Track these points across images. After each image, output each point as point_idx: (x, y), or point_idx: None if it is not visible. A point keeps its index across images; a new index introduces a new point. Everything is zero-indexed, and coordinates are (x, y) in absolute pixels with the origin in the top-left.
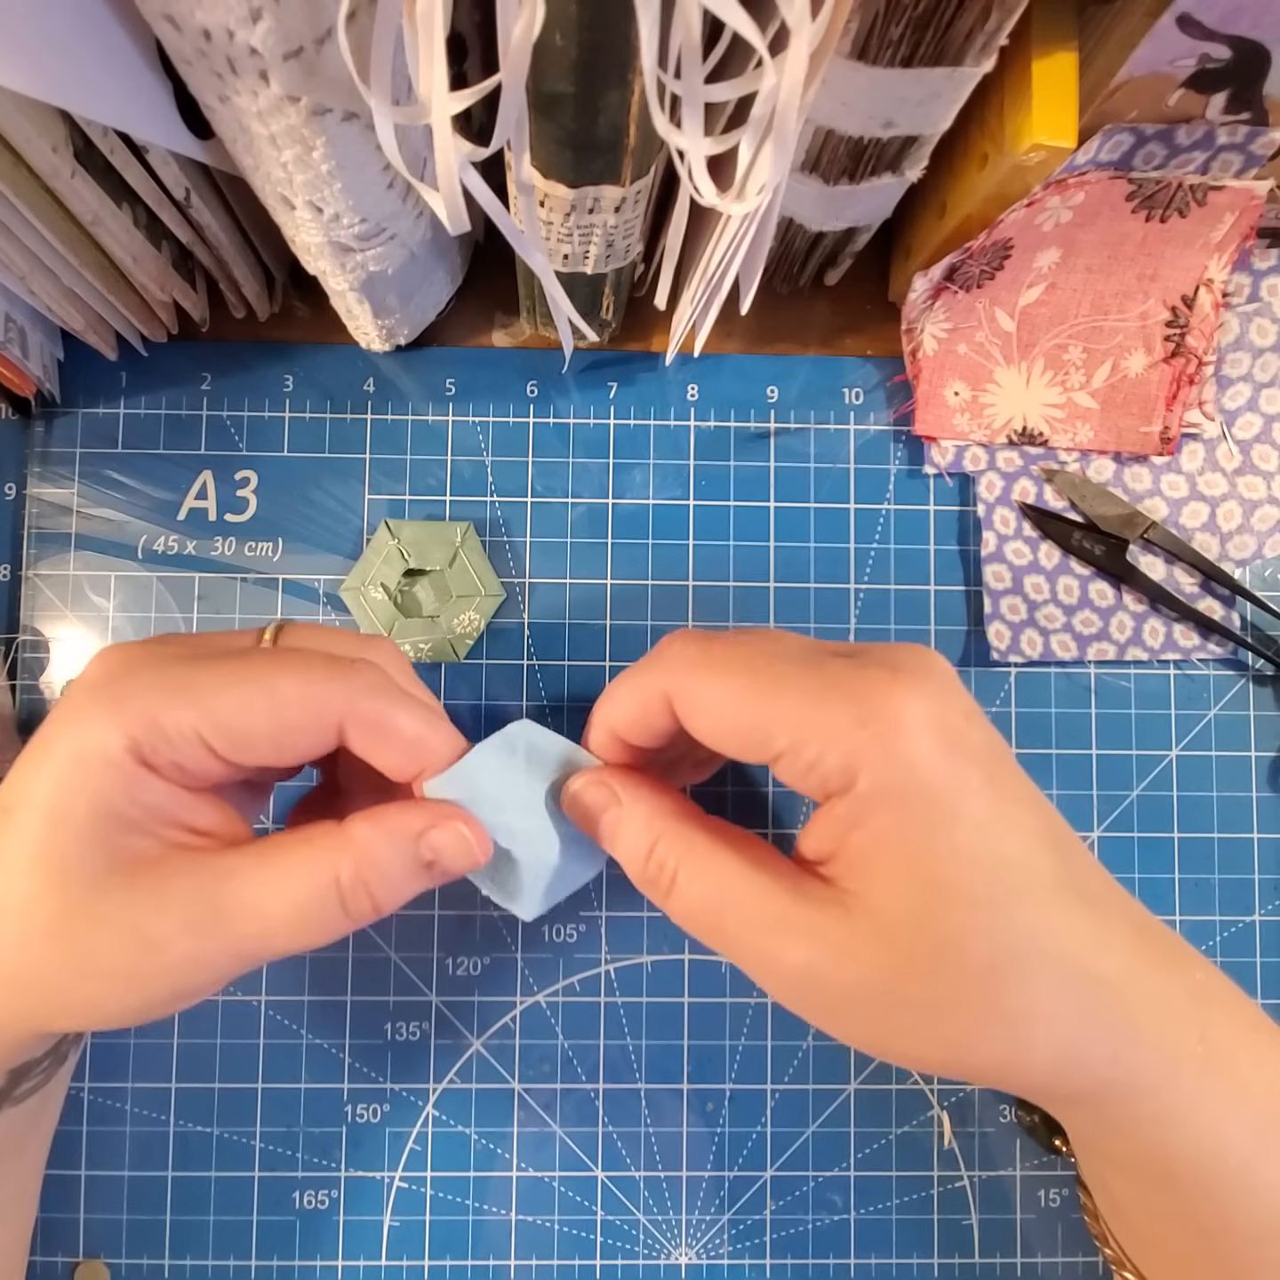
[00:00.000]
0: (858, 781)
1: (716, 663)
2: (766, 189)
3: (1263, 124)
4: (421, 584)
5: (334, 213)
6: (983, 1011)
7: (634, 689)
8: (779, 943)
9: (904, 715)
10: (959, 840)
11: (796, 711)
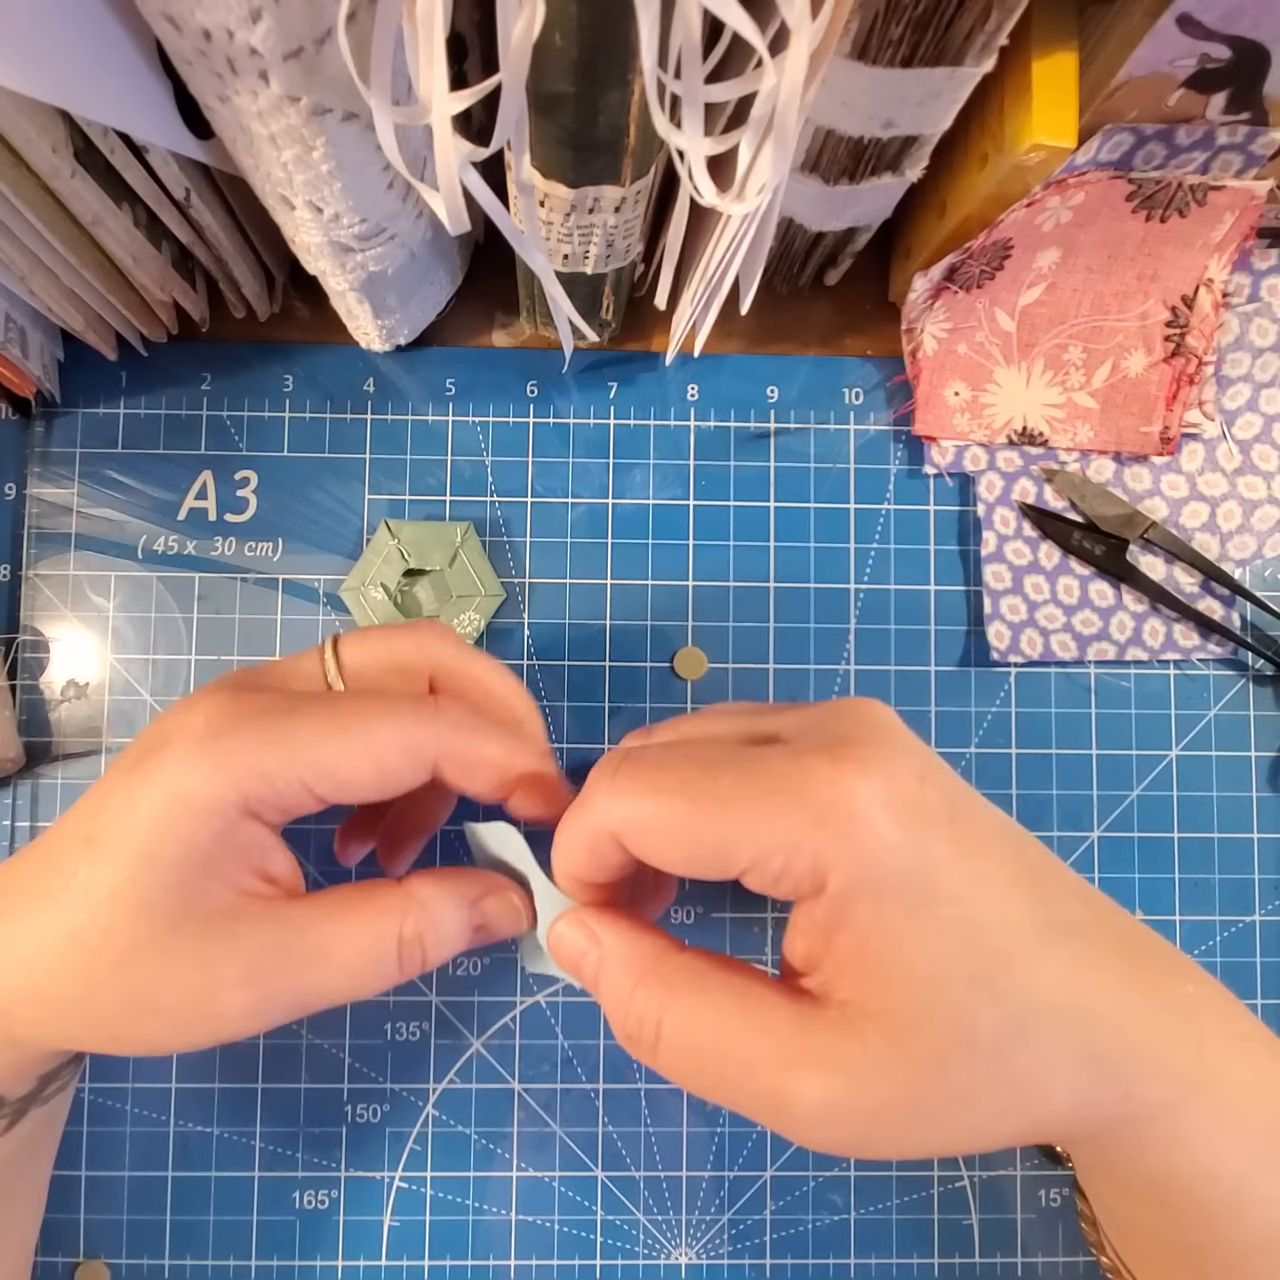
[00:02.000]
0: (828, 883)
1: (655, 789)
2: (766, 189)
3: (1263, 124)
4: (421, 584)
5: (334, 213)
6: (1001, 1090)
7: (579, 835)
8: (791, 1080)
9: (855, 804)
10: (941, 921)
11: (750, 827)
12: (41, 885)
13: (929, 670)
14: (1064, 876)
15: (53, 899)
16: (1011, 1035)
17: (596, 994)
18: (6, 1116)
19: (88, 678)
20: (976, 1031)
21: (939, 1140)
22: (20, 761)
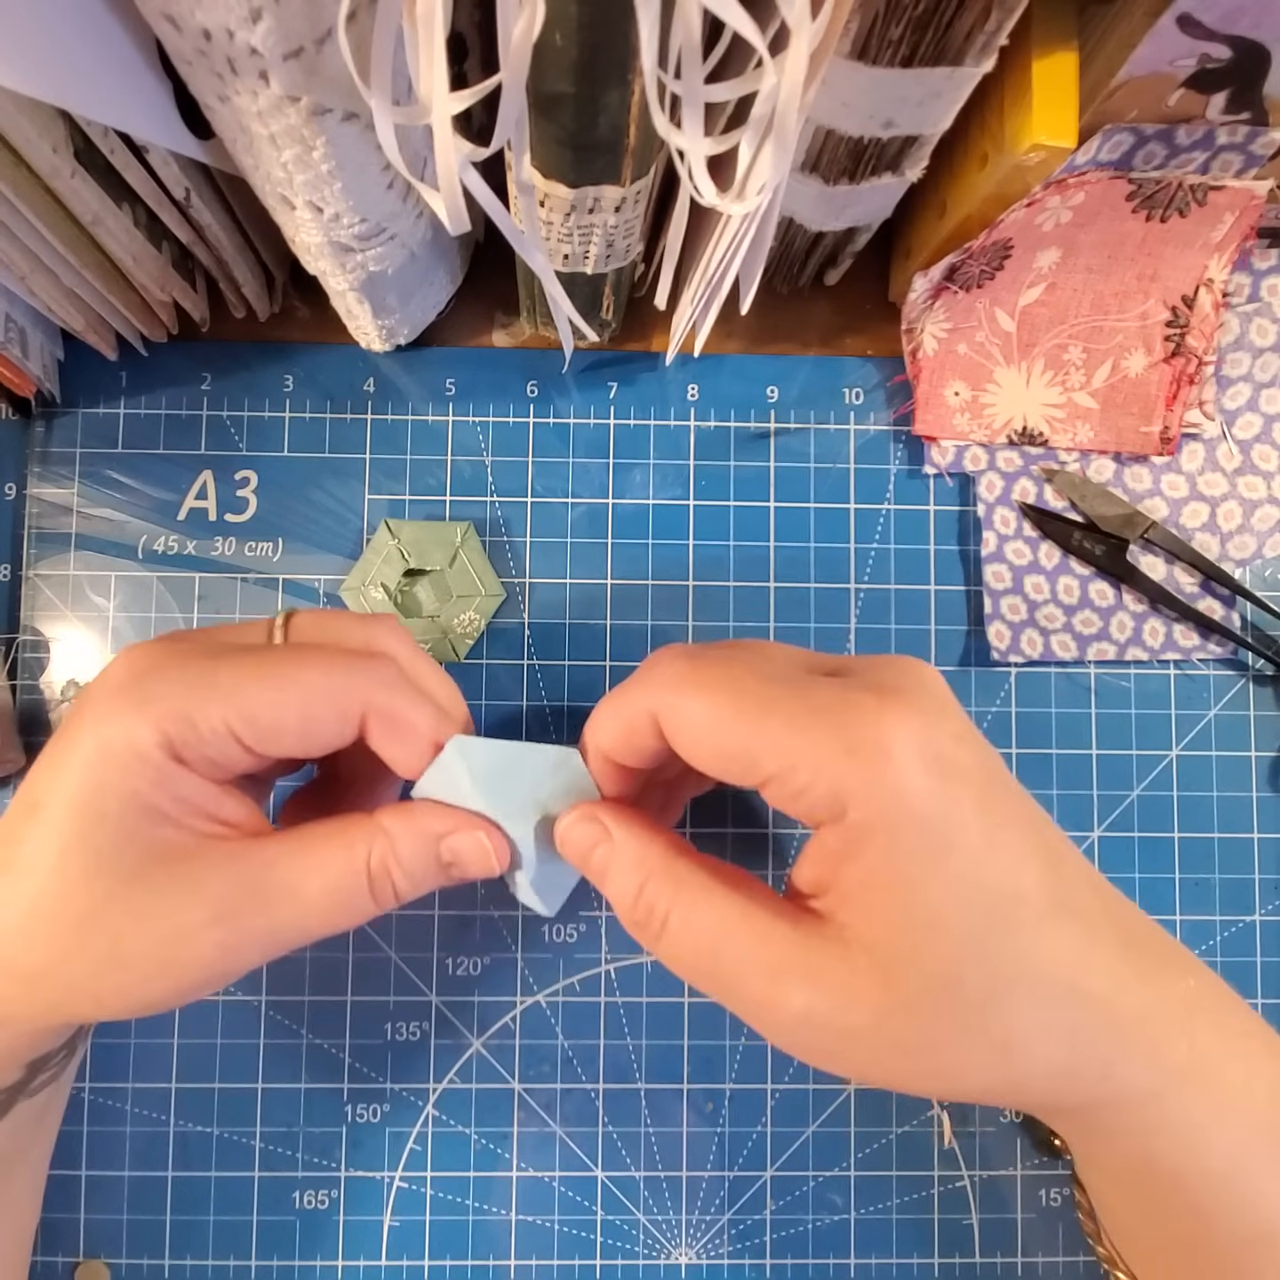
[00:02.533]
0: (847, 812)
1: (702, 683)
2: (766, 189)
3: (1263, 124)
4: (421, 584)
5: (334, 213)
6: (978, 1043)
7: (620, 708)
8: (778, 988)
9: (893, 743)
10: (952, 872)
11: (783, 737)
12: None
13: None
14: (1079, 864)
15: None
16: (998, 994)
17: (602, 884)
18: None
19: (88, 678)
20: (963, 982)
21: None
22: (20, 761)
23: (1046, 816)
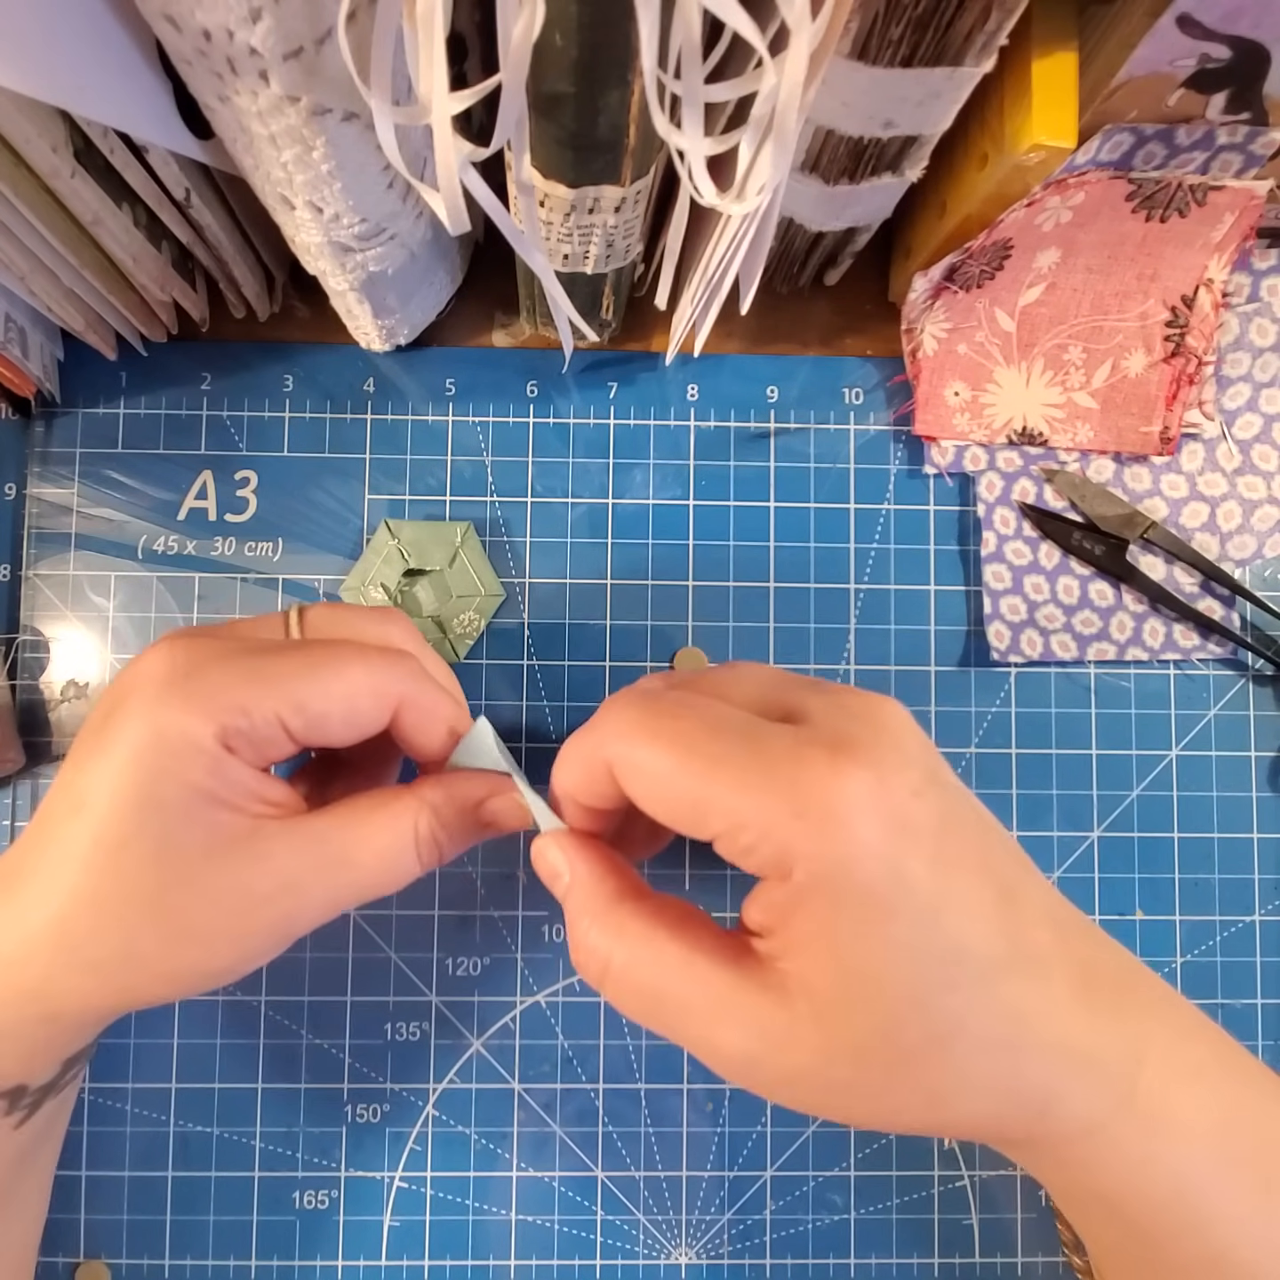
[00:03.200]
0: (793, 872)
1: (653, 732)
2: (766, 189)
3: (1263, 124)
4: (421, 584)
5: (334, 213)
6: (910, 1091)
7: (578, 754)
8: (718, 1031)
9: (841, 807)
10: (894, 937)
11: (730, 796)
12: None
13: (929, 670)
14: (1042, 899)
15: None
16: (930, 1049)
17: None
18: (26, 1108)
19: (88, 678)
20: (898, 1037)
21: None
22: (20, 762)
23: (1009, 846)
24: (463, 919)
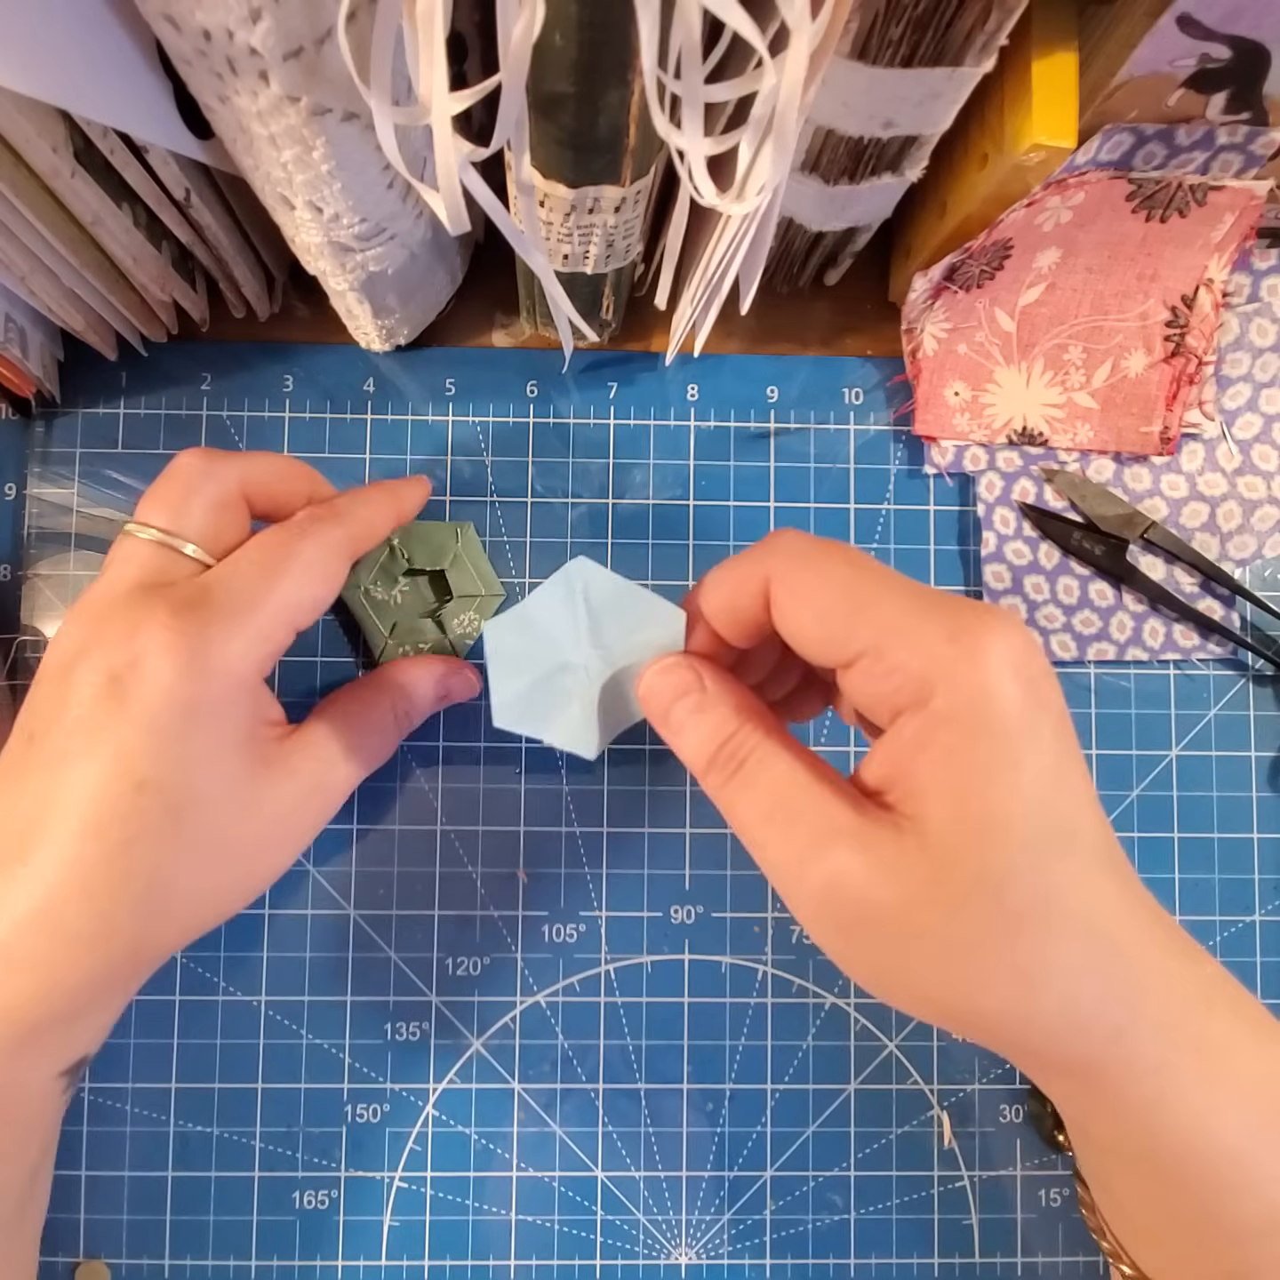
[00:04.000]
0: (935, 697)
1: (824, 553)
2: (766, 189)
3: (1263, 124)
4: (421, 584)
5: (334, 213)
6: (1003, 956)
7: (734, 571)
8: (823, 845)
9: (993, 647)
10: (1024, 783)
11: (891, 613)
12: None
13: None
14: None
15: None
16: (1036, 917)
17: (680, 731)
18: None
19: None
20: (1007, 893)
21: (921, 977)
22: None
23: None
24: (463, 919)
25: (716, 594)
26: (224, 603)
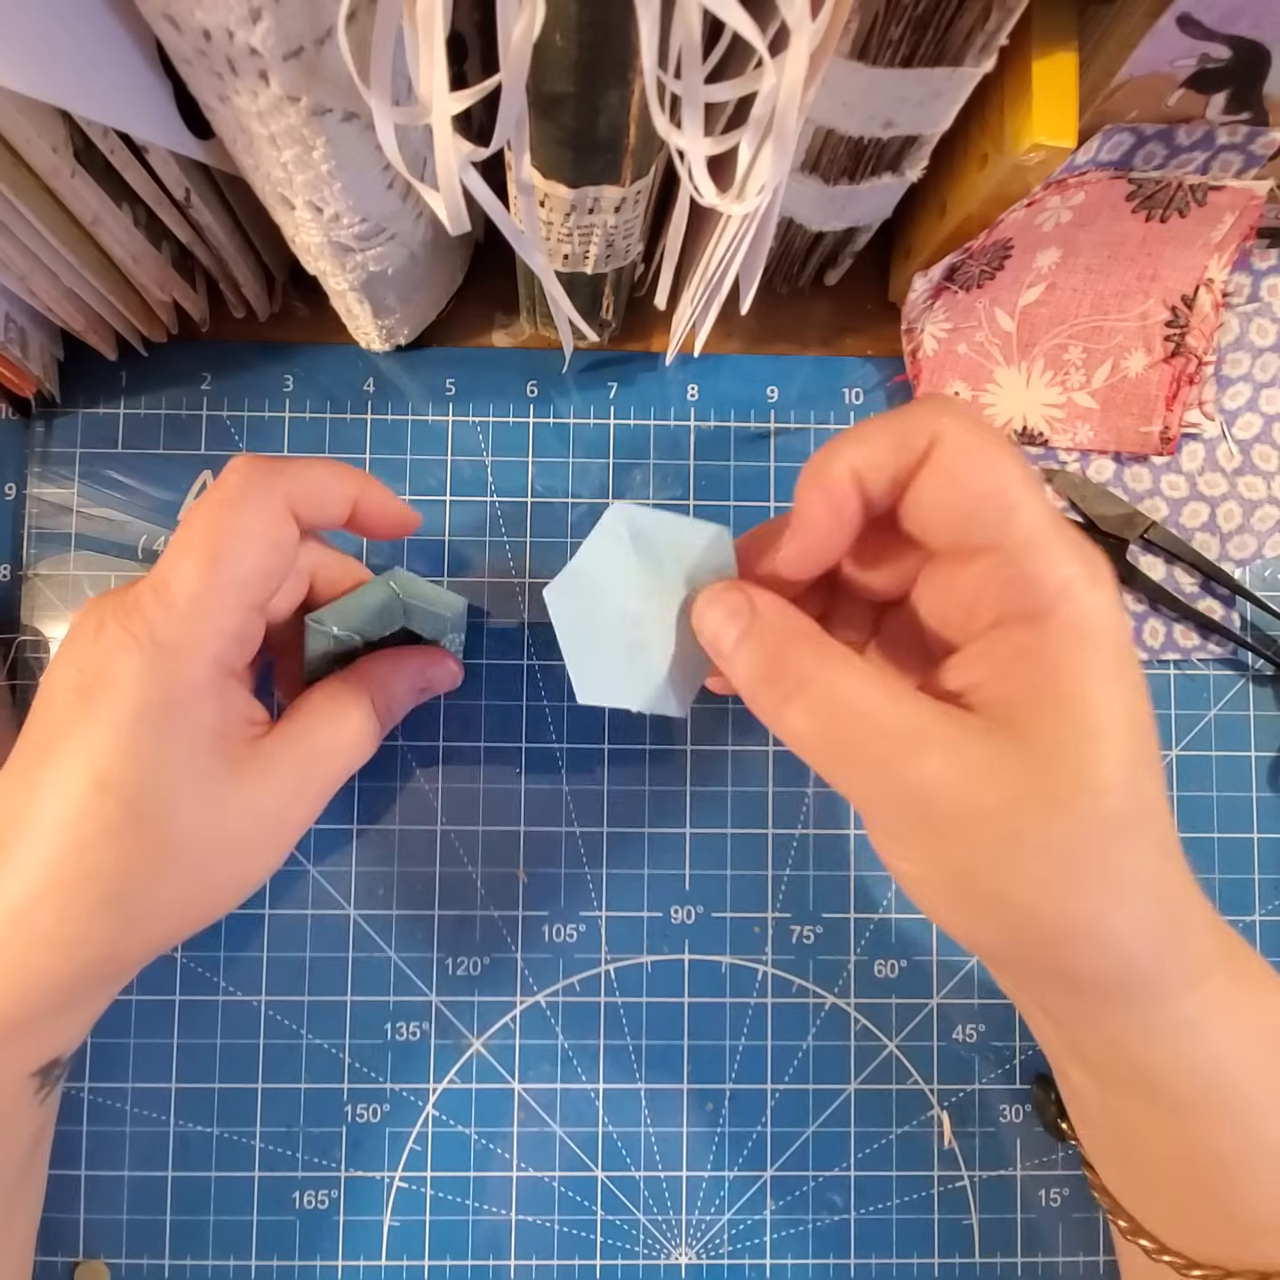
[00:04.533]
0: (1058, 611)
1: (997, 435)
2: (766, 189)
3: (1263, 124)
4: (395, 637)
5: (334, 213)
6: (1094, 861)
7: (895, 423)
8: (912, 753)
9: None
10: (1130, 698)
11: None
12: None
13: None
14: None
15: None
16: (1133, 832)
17: (732, 656)
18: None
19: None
20: (1108, 803)
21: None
22: None
23: None
24: (463, 919)
25: (873, 445)
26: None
